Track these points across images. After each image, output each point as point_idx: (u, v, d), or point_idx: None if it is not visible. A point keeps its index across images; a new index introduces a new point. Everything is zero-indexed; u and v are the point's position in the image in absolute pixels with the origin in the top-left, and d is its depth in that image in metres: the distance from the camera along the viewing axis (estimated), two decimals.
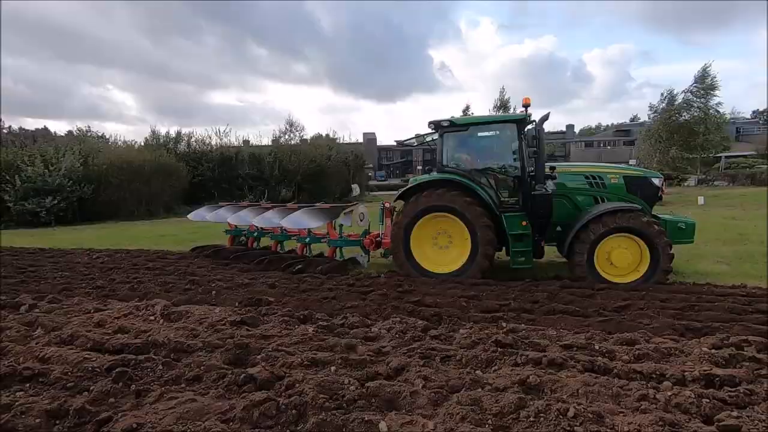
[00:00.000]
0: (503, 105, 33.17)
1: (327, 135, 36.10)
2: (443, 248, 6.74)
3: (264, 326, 4.36)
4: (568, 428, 2.40)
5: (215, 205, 10.51)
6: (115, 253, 9.87)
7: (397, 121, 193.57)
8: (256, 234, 9.27)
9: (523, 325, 4.29)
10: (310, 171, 27.14)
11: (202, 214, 10.27)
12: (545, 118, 6.56)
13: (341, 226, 8.00)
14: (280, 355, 3.48)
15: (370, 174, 56.32)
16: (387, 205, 7.63)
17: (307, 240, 8.15)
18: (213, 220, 9.83)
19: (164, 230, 15.89)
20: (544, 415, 2.52)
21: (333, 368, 3.26)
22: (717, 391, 2.81)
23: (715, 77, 24.23)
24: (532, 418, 2.51)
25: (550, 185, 6.55)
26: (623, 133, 64.51)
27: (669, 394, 2.75)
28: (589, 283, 5.83)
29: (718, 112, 24.71)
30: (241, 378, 3.02)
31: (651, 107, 27.60)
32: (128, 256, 9.42)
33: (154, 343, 3.76)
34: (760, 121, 68.05)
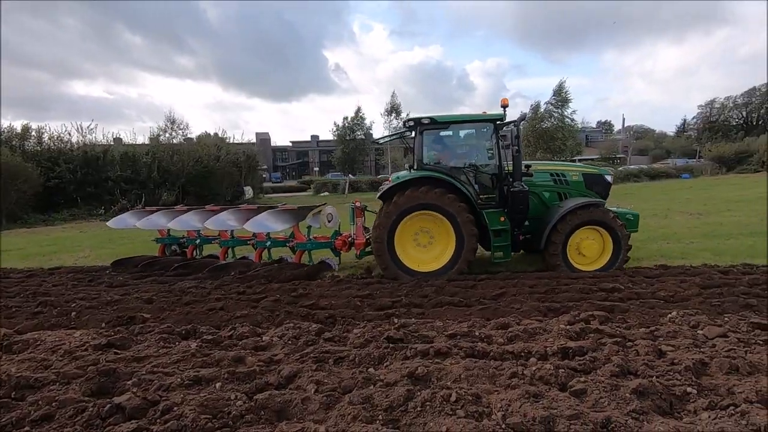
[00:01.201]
0: (394, 109, 34.49)
1: (216, 134, 33.64)
2: (424, 246, 6.72)
3: (137, 347, 3.89)
4: (451, 412, 2.58)
5: (142, 210, 9.02)
6: None
7: (293, 121, 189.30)
8: (198, 241, 8.23)
9: (413, 319, 4.49)
10: (196, 172, 25.02)
11: (126, 220, 8.60)
12: (522, 118, 6.79)
13: (309, 228, 7.57)
14: (155, 377, 3.13)
15: (264, 175, 54.10)
16: (357, 204, 7.36)
17: (268, 244, 7.55)
18: (145, 227, 8.27)
19: (8, 244, 13.26)
20: (430, 403, 2.66)
21: (218, 384, 3.04)
22: (570, 361, 3.27)
23: (567, 91, 28.62)
24: (419, 408, 2.64)
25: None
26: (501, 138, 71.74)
27: (534, 369, 3.12)
28: (472, 274, 6.35)
29: (572, 120, 29.06)
30: (105, 410, 2.64)
31: (522, 115, 31.41)
32: None
33: None
34: (603, 130, 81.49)
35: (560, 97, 28.44)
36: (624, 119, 66.85)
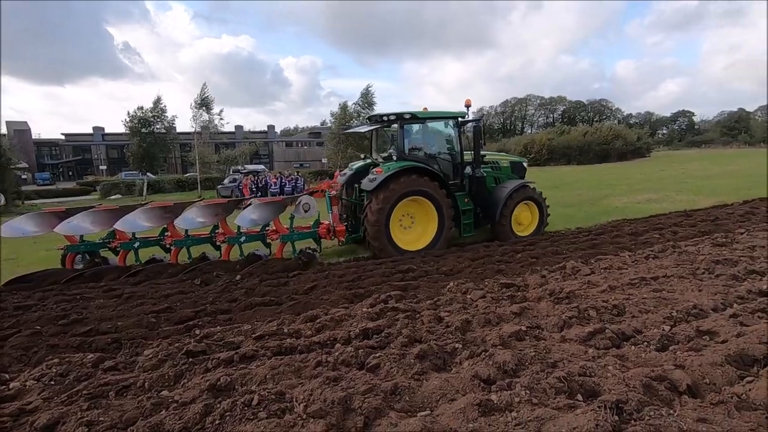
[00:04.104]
0: (204, 104, 31.04)
1: None
2: (406, 228, 7.67)
3: None
4: (252, 416, 2.50)
5: (48, 213, 7.12)
6: None
7: (68, 109, 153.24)
8: (137, 245, 7.13)
9: (219, 327, 4.20)
10: None
11: (23, 228, 6.81)
12: (482, 116, 8.13)
13: (292, 218, 7.48)
14: None
15: (23, 176, 42.52)
16: (333, 192, 7.91)
17: (242, 240, 7.21)
18: (67, 233, 6.82)
19: None
20: (230, 413, 2.53)
21: None
22: (369, 341, 3.58)
23: (373, 94, 31.23)
24: (218, 421, 2.48)
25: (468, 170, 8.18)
26: (316, 135, 73.53)
27: (337, 354, 3.30)
28: (284, 273, 6.32)
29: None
30: None
31: (332, 114, 32.75)
32: None
33: None
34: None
35: (366, 99, 30.84)
36: None
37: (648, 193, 14.82)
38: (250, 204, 7.29)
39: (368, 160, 8.46)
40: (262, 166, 38.41)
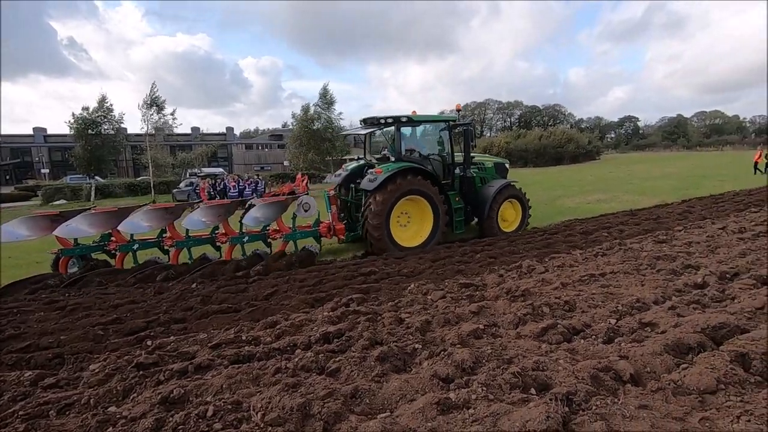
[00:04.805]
0: (155, 103, 29.56)
1: None
2: (403, 226, 7.94)
3: None
4: (207, 428, 2.42)
5: (43, 216, 6.92)
6: None
7: (4, 108, 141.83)
8: (136, 246, 7.06)
9: (172, 337, 4.03)
10: None
11: (15, 231, 6.62)
12: (472, 120, 7.64)
13: (294, 217, 7.70)
14: None
15: None
16: (331, 192, 8.21)
17: (245, 239, 7.38)
18: (66, 235, 6.74)
19: None
20: (183, 427, 2.44)
21: None
22: (330, 345, 3.56)
23: (332, 94, 30.92)
24: None
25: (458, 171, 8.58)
26: (277, 137, 72.14)
27: (297, 360, 3.25)
28: (243, 278, 6.16)
29: (339, 121, 31.66)
30: None
31: (294, 116, 32.23)
32: None
33: None
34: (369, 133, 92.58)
35: (325, 99, 30.54)
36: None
37: (598, 193, 15.63)
38: (250, 205, 7.55)
39: (362, 162, 8.75)
40: (220, 169, 37.26)
